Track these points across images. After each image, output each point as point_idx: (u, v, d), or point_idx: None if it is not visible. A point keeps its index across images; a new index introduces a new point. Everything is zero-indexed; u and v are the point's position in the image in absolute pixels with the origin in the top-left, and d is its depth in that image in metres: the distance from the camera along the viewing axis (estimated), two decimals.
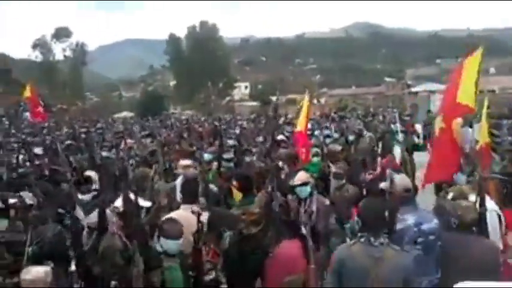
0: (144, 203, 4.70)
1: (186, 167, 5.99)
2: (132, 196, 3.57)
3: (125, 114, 42.89)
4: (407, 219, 3.60)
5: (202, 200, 4.48)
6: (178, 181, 5.75)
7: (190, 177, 5.00)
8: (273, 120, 12.54)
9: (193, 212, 3.53)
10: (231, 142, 9.38)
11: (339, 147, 7.65)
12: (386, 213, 3.16)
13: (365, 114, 20.11)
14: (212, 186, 5.40)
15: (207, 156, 7.31)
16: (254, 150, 8.27)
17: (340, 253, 3.18)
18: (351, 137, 9.50)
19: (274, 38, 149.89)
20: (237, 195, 5.37)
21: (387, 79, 73.82)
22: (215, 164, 7.02)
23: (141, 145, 9.04)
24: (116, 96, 69.64)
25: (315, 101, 39.99)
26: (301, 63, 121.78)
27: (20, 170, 7.07)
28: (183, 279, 3.59)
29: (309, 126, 9.65)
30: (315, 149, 7.40)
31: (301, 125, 7.59)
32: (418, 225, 3.57)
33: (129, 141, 10.11)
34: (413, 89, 47.30)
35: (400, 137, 8.45)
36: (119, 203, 4.11)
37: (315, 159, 7.18)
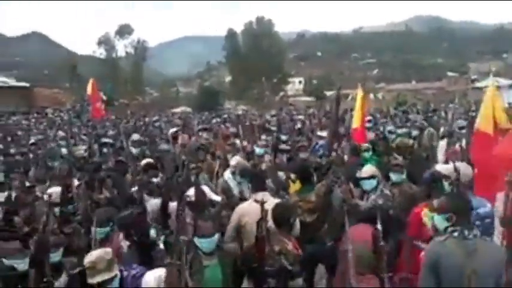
0: (215, 197, 4.88)
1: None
2: (205, 188, 3.66)
3: (182, 109, 44.01)
4: None
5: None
6: (227, 174, 5.88)
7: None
8: (335, 112, 12.30)
9: (256, 201, 3.56)
10: (284, 138, 9.42)
11: (409, 141, 7.50)
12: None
13: (426, 110, 19.32)
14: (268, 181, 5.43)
15: (258, 151, 7.41)
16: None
17: (434, 250, 3.02)
18: (415, 132, 9.20)
19: (331, 33, 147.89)
20: (293, 188, 5.40)
21: (450, 74, 70.67)
22: (266, 157, 7.07)
23: (199, 139, 9.27)
24: (173, 92, 71.62)
25: (372, 96, 39.06)
26: (358, 58, 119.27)
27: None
28: (221, 278, 3.59)
29: (369, 119, 9.48)
30: (365, 145, 7.23)
31: (357, 120, 7.49)
32: (475, 210, 3.62)
33: (184, 136, 10.46)
34: (477, 84, 44.94)
35: (464, 132, 8.07)
36: (191, 192, 4.28)
37: (366, 155, 7.01)
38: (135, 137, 10.20)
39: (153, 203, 4.77)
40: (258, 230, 3.25)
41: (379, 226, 3.00)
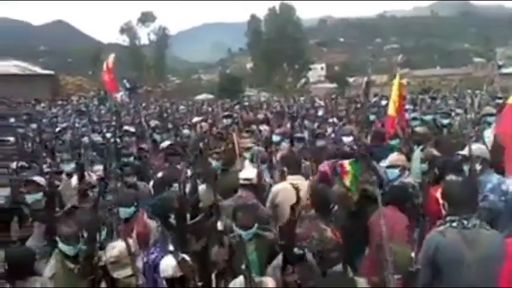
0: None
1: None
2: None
3: (204, 96, 44.21)
4: (492, 180, 4.10)
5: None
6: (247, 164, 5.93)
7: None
8: (365, 99, 12.15)
9: (292, 185, 3.57)
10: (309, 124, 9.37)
11: (425, 130, 7.30)
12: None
13: (458, 96, 18.67)
14: None
15: (275, 138, 7.42)
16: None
17: (433, 240, 2.96)
18: (444, 121, 8.73)
19: (353, 18, 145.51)
20: None
21: (476, 59, 68.81)
22: (283, 144, 7.06)
23: (222, 125, 9.35)
24: (195, 79, 71.94)
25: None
26: (382, 43, 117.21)
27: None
28: (258, 264, 3.58)
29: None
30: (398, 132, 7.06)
31: (393, 107, 7.33)
32: (500, 185, 4.04)
33: (203, 124, 10.60)
34: (504, 70, 43.66)
35: (493, 119, 7.84)
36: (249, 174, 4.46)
37: (393, 142, 6.73)
38: (157, 123, 10.40)
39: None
40: (291, 213, 3.28)
41: None
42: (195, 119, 10.77)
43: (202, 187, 4.87)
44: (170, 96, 35.13)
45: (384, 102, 14.26)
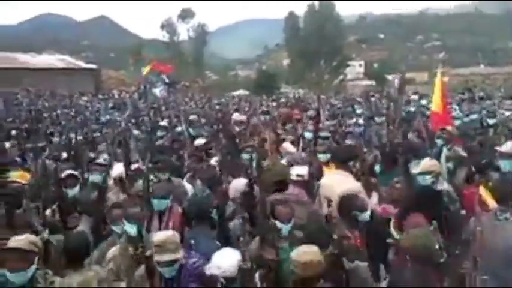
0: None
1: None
2: None
3: (240, 92, 44.47)
4: None
5: None
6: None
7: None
8: (399, 97, 12.00)
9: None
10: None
11: (453, 129, 7.09)
12: None
13: (507, 95, 17.92)
14: None
15: (307, 135, 7.45)
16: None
17: (482, 230, 3.30)
18: (490, 121, 8.36)
19: (394, 15, 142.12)
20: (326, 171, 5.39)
21: None
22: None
23: (260, 121, 9.42)
24: (232, 75, 72.44)
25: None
26: (423, 41, 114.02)
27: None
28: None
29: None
30: (439, 132, 6.84)
31: (436, 104, 7.21)
32: None
33: (237, 117, 10.76)
34: None
35: None
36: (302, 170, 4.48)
37: (438, 141, 6.54)
38: (194, 118, 10.58)
39: (238, 184, 4.67)
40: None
41: None
42: (235, 115, 10.89)
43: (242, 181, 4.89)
44: (207, 92, 35.55)
45: (424, 102, 13.96)
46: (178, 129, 9.38)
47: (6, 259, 3.12)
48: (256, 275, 3.10)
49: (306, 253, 2.89)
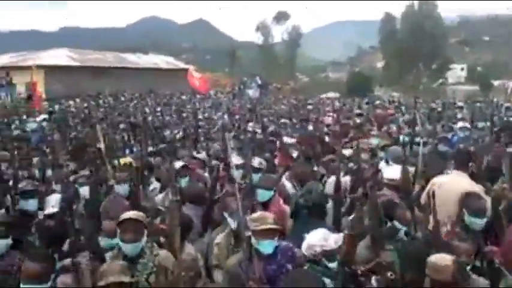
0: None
1: None
2: None
3: (331, 94, 44.07)
4: None
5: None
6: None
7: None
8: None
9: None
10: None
11: None
12: None
13: None
14: None
15: (402, 138, 7.42)
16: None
17: None
18: None
19: (502, 15, 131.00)
20: None
21: None
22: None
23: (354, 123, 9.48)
24: (323, 77, 71.91)
25: None
26: None
27: None
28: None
29: None
30: None
31: None
32: None
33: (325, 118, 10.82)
34: None
35: None
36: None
37: None
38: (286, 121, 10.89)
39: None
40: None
41: None
42: (326, 117, 11.06)
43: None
44: (298, 94, 35.79)
45: None
46: (270, 129, 9.77)
47: (122, 229, 3.22)
48: (373, 280, 3.08)
49: (445, 258, 2.90)
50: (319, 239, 3.18)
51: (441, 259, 2.88)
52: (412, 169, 4.80)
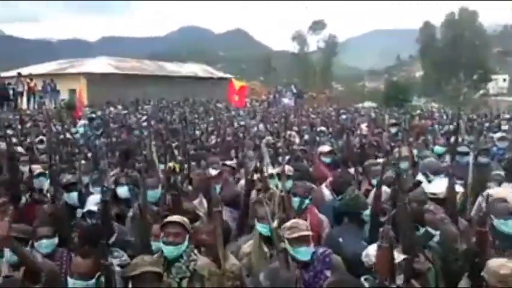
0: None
1: None
2: None
3: (367, 104, 43.45)
4: None
5: None
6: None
7: None
8: None
9: None
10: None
11: None
12: None
13: None
14: None
15: (437, 149, 7.30)
16: None
17: None
18: None
19: None
20: None
21: None
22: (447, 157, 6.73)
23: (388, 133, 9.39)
24: (359, 86, 71.11)
25: None
26: None
27: None
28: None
29: None
30: None
31: None
32: None
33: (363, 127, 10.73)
34: None
35: None
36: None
37: None
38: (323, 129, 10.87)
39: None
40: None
41: None
42: (362, 125, 10.98)
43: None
44: (333, 103, 35.51)
45: None
46: (306, 137, 9.80)
47: (166, 232, 3.27)
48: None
49: (505, 266, 2.89)
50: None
51: (503, 267, 2.85)
52: (458, 181, 4.65)
